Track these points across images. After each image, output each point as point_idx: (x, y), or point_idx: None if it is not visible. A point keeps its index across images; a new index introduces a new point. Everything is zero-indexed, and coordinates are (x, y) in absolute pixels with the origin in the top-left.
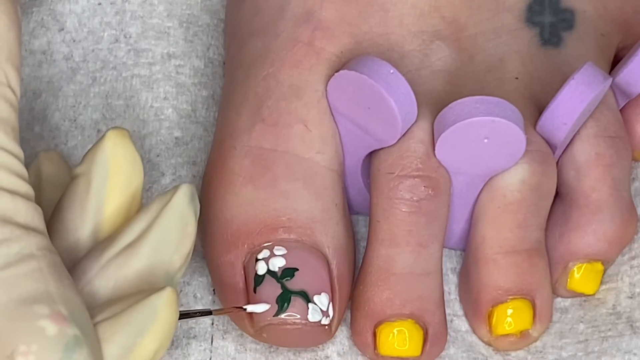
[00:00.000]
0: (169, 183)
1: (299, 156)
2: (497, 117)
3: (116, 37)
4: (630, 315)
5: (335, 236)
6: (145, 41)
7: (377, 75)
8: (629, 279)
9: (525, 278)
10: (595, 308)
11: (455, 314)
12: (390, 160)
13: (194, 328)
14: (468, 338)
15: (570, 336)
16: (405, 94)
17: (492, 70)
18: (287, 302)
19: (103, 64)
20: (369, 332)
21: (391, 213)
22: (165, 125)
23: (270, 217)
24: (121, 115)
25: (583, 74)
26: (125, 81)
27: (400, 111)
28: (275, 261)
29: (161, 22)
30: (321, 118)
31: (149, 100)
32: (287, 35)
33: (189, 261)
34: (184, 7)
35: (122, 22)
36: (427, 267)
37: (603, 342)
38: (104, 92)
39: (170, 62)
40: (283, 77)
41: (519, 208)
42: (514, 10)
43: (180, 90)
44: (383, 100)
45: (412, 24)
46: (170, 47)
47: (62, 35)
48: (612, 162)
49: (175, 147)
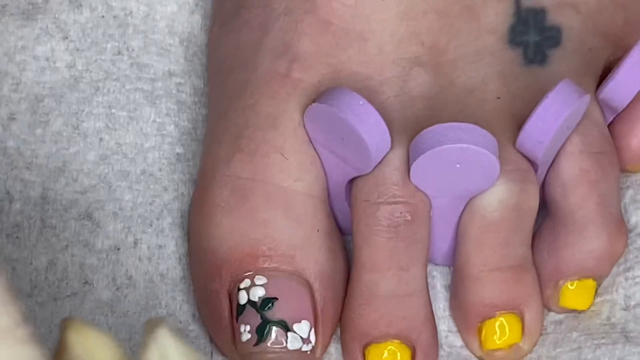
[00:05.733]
0: (171, 199)
1: (277, 185)
2: (466, 144)
3: (119, 50)
4: (624, 327)
5: (317, 262)
6: (147, 56)
7: (347, 107)
8: (624, 291)
9: (512, 293)
10: (590, 319)
11: (450, 330)
12: (367, 188)
13: (194, 343)
14: (463, 353)
15: (563, 345)
16: (376, 124)
17: (474, 92)
18: (266, 332)
19: (106, 75)
20: (358, 353)
21: (371, 240)
22: (168, 140)
23: (250, 246)
24: (124, 127)
25: (558, 92)
26: (129, 94)
27: (370, 141)
28: (255, 291)
29: (163, 39)
30: (299, 146)
31: (151, 115)
32: (266, 68)
33: None
34: (184, 25)
35: (125, 35)
36: (409, 289)
37: (596, 349)
38: (107, 102)
39: (171, 79)
40: (260, 108)
41: (499, 228)
42: (496, 32)
43: (182, 107)
44: (353, 132)
45: (391, 52)
46: (172, 64)
47: (66, 44)
48: (597, 178)
49: (177, 162)
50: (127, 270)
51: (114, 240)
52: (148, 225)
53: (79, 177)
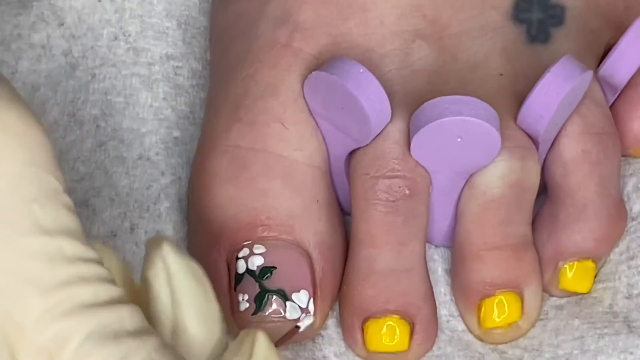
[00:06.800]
0: (169, 183)
1: (277, 154)
2: (468, 117)
3: (115, 35)
4: (627, 315)
5: (317, 232)
6: (144, 40)
7: (347, 75)
8: (626, 279)
9: (512, 271)
10: (592, 306)
11: (451, 315)
12: (366, 161)
13: None
14: (465, 337)
15: (566, 333)
16: (376, 92)
17: (476, 68)
18: (265, 301)
19: (102, 61)
20: (356, 329)
21: (368, 214)
22: (165, 125)
23: (249, 215)
24: (121, 113)
25: (559, 67)
26: (125, 79)
27: (370, 109)
28: (254, 260)
29: (160, 22)
30: (299, 116)
31: (148, 100)
32: (266, 37)
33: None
34: (182, 7)
35: (122, 20)
36: (408, 264)
37: (599, 339)
38: (104, 88)
39: (168, 63)
40: (261, 78)
41: (499, 205)
42: (500, 7)
43: (179, 91)
44: (353, 100)
45: (393, 24)
46: (169, 48)
47: (62, 31)
48: (598, 159)
49: (174, 146)
50: (124, 256)
51: (111, 226)
52: (145, 210)
53: (76, 165)
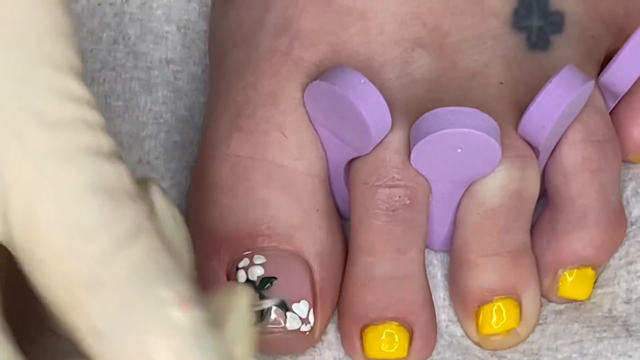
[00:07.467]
0: (168, 187)
1: (277, 163)
2: (468, 129)
3: (115, 39)
4: (626, 320)
5: (317, 242)
6: (144, 44)
7: (347, 85)
8: (625, 284)
9: (510, 278)
10: (591, 311)
11: (450, 320)
12: (365, 170)
13: None
14: (464, 342)
15: (564, 337)
16: (377, 103)
17: (477, 76)
18: (265, 312)
19: (102, 65)
20: (355, 336)
21: (368, 223)
22: (164, 129)
23: (249, 225)
24: (120, 116)
25: (561, 77)
26: (125, 83)
27: (371, 120)
28: (254, 270)
29: (159, 26)
30: (299, 125)
31: (148, 103)
32: (267, 45)
33: None
34: (181, 12)
35: (121, 24)
36: (407, 271)
37: (598, 343)
38: (103, 92)
39: (168, 67)
40: (261, 86)
41: (498, 214)
42: (499, 15)
43: (179, 95)
44: (354, 110)
45: (393, 32)
46: (169, 52)
47: None
48: (599, 166)
49: (174, 150)
50: None
51: None
52: None
53: None
